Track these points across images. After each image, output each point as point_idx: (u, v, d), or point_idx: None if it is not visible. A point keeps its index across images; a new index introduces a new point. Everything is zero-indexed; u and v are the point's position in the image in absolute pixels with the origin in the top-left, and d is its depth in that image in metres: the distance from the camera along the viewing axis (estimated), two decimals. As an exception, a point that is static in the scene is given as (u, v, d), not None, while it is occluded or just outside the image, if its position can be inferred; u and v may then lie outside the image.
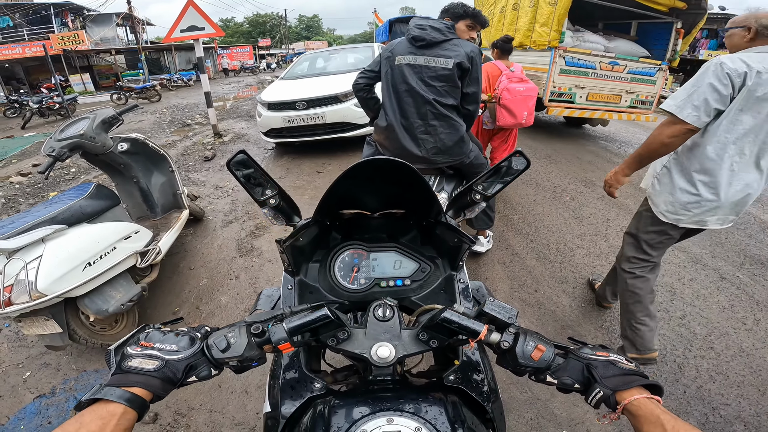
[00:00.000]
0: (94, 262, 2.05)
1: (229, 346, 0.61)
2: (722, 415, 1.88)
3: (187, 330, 0.63)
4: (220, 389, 2.01)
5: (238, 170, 0.83)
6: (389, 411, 0.61)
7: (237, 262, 3.14)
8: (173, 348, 0.59)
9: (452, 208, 0.95)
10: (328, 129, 5.15)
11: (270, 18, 56.93)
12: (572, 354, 0.63)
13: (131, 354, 0.58)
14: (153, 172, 2.97)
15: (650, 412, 0.53)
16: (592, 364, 0.60)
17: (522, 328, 0.65)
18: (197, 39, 6.04)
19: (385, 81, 2.19)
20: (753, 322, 2.46)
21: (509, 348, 0.62)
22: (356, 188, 0.87)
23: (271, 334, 0.62)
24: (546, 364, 0.61)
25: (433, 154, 2.16)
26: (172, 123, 9.01)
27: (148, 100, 13.82)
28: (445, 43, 2.05)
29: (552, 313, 2.50)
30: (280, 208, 0.87)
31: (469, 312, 0.67)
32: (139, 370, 0.56)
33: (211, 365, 0.61)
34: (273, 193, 0.85)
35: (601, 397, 0.57)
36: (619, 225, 3.61)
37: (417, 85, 2.07)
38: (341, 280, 0.95)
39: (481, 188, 0.88)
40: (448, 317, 0.64)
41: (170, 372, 0.57)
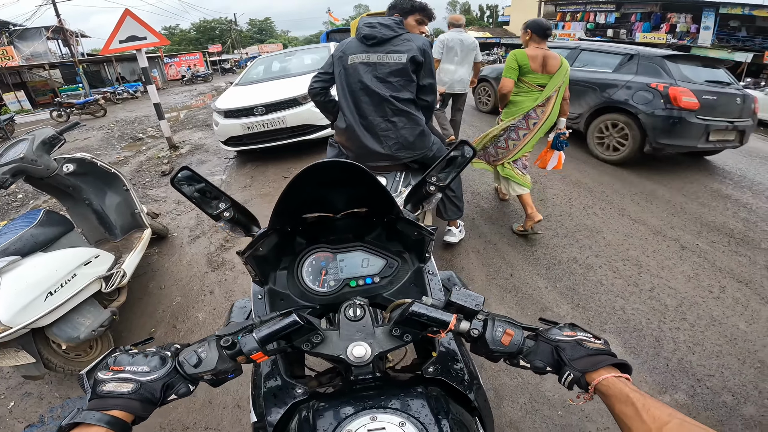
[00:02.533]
0: (55, 291, 1.98)
1: (201, 361, 0.61)
2: (708, 386, 1.93)
3: (156, 350, 0.62)
4: (211, 406, 1.97)
5: (183, 187, 0.81)
6: (372, 409, 0.62)
7: (209, 277, 3.04)
8: (145, 369, 0.58)
9: (410, 201, 0.97)
10: (290, 133, 5.04)
11: (219, 23, 55.19)
12: (541, 336, 0.64)
13: (104, 379, 0.57)
14: (106, 193, 2.82)
15: (620, 391, 0.54)
16: (560, 346, 0.61)
17: (491, 314, 0.66)
18: (139, 49, 5.76)
19: (339, 82, 2.18)
20: (719, 290, 2.61)
21: (479, 335, 0.63)
22: (314, 192, 0.87)
23: (242, 346, 0.62)
24: (517, 348, 0.62)
25: (395, 150, 2.17)
26: (122, 138, 8.55)
27: (93, 116, 13.04)
28: (396, 39, 2.07)
29: (529, 296, 2.57)
30: (235, 220, 0.86)
31: (437, 303, 0.67)
32: (116, 393, 0.55)
33: (187, 381, 0.61)
34: (226, 205, 0.84)
35: (572, 379, 0.58)
36: (582, 203, 3.76)
37: (372, 83, 2.07)
38: (310, 285, 0.95)
39: (435, 179, 0.91)
40: (416, 311, 0.65)
41: (147, 393, 0.56)
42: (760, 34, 17.56)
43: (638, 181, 4.37)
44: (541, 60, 2.73)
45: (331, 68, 2.22)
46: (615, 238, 3.18)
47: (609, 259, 2.91)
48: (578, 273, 2.77)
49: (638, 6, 21.62)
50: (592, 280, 2.69)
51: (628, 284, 2.65)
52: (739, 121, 4.53)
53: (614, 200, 3.86)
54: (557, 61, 2.73)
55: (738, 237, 3.24)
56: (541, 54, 2.74)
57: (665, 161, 5.09)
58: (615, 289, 2.60)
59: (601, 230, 3.30)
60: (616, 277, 2.72)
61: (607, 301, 2.51)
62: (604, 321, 2.35)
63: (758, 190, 4.27)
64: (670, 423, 0.47)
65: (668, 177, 4.53)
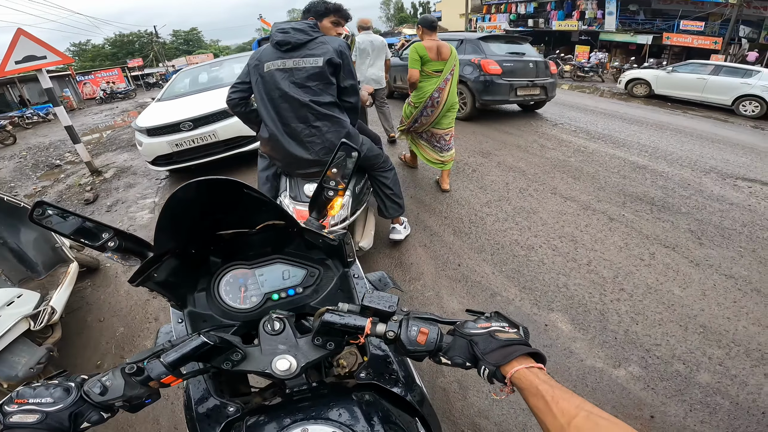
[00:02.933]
0: None
1: (107, 390, 0.61)
2: (658, 356, 1.98)
3: (59, 382, 0.62)
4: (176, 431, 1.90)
5: (49, 223, 0.75)
6: (303, 420, 0.63)
7: (152, 304, 2.85)
8: (48, 400, 0.59)
9: (313, 209, 0.96)
10: (224, 146, 4.83)
11: (138, 36, 51.61)
12: (457, 331, 0.64)
13: (10, 411, 0.58)
14: (20, 229, 2.60)
15: (530, 384, 0.53)
16: (474, 341, 0.60)
17: (410, 313, 0.66)
18: (39, 69, 5.27)
19: (257, 90, 2.13)
20: (649, 257, 2.80)
21: (395, 337, 0.63)
22: (215, 210, 0.84)
23: (149, 371, 0.62)
24: (434, 346, 0.62)
25: (323, 155, 2.14)
26: (38, 167, 7.77)
27: (2, 144, 11.71)
28: (311, 43, 2.06)
29: (478, 283, 2.65)
30: (123, 248, 0.81)
31: (354, 309, 0.67)
32: (23, 424, 0.56)
33: (99, 409, 0.61)
34: (109, 235, 0.79)
35: (489, 373, 0.58)
36: (518, 187, 3.97)
37: (290, 89, 2.04)
38: (231, 303, 0.93)
39: (332, 184, 0.91)
40: (328, 319, 0.65)
41: (55, 422, 0.57)
42: (658, 17, 19.42)
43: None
44: (436, 49, 3.26)
45: (248, 77, 2.17)
46: (550, 217, 3.38)
47: (547, 238, 3.08)
48: (521, 255, 2.90)
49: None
50: (535, 261, 2.83)
51: (567, 261, 2.80)
52: (538, 80, 6.43)
53: (546, 181, 4.10)
54: (448, 49, 3.27)
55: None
56: (435, 44, 3.27)
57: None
58: (556, 267, 2.74)
59: (537, 211, 3.49)
60: (555, 255, 2.87)
61: (550, 279, 2.62)
62: (551, 300, 2.44)
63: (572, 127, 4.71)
64: (578, 416, 0.47)
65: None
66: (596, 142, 5.51)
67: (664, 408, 1.77)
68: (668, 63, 14.84)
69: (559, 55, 15.95)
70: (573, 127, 6.41)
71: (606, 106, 8.85)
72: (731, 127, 7.62)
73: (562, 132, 6.05)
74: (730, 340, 2.09)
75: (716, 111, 9.43)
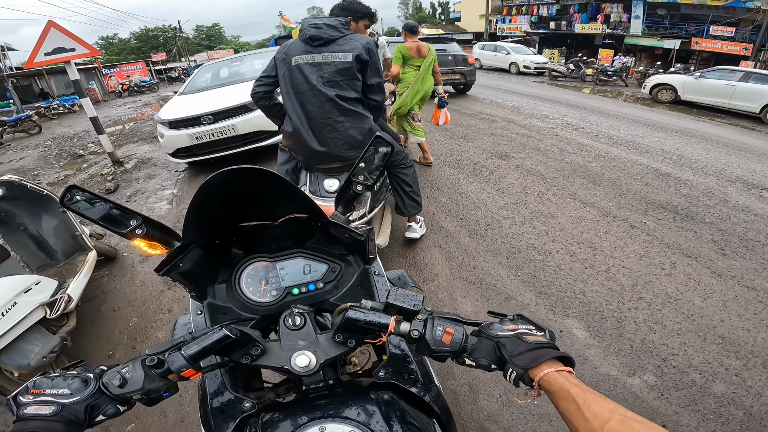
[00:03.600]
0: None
1: (126, 382, 0.59)
2: (674, 365, 1.95)
3: (77, 372, 0.61)
4: (183, 424, 1.91)
5: (79, 208, 0.75)
6: (321, 419, 0.61)
7: (166, 295, 2.88)
8: (66, 392, 0.57)
9: (339, 203, 0.95)
10: (242, 141, 4.88)
11: (162, 31, 52.63)
12: (483, 333, 0.62)
13: (25, 402, 0.56)
14: (41, 216, 2.64)
15: (561, 387, 0.52)
16: (501, 342, 0.59)
17: (433, 312, 0.65)
18: (68, 61, 5.40)
19: (283, 84, 2.14)
20: (670, 266, 2.72)
21: (420, 336, 0.62)
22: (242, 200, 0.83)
23: (170, 364, 0.60)
24: (459, 347, 0.61)
25: (345, 150, 2.15)
26: (61, 156, 7.97)
27: (27, 133, 12.03)
28: (341, 39, 2.08)
29: (493, 286, 2.61)
30: (150, 236, 0.81)
31: (377, 306, 0.66)
32: (37, 416, 0.54)
33: (116, 402, 0.59)
34: (137, 222, 0.79)
35: (516, 376, 0.56)
36: (536, 191, 3.89)
37: (318, 83, 2.05)
38: (251, 296, 0.92)
39: (361, 178, 0.90)
40: (352, 316, 0.63)
41: (70, 415, 0.56)
42: (686, 21, 18.92)
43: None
44: (416, 49, 3.89)
45: (274, 71, 2.18)
46: (569, 222, 3.31)
47: (565, 244, 3.02)
48: (537, 260, 2.85)
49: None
50: (551, 266, 2.77)
51: (585, 267, 2.74)
52: (457, 68, 8.95)
53: (565, 185, 4.02)
54: (426, 48, 3.86)
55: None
56: (416, 45, 3.93)
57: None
58: (573, 273, 2.68)
59: (555, 215, 3.42)
60: (573, 261, 2.81)
61: (567, 285, 2.57)
62: (567, 306, 2.40)
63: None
64: (612, 420, 0.46)
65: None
66: (618, 148, 5.38)
67: (676, 418, 1.73)
68: (696, 68, 14.44)
69: (581, 59, 15.65)
70: (594, 131, 6.28)
71: (629, 111, 8.63)
72: (759, 136, 7.37)
73: (583, 136, 5.92)
74: (749, 352, 2.04)
75: (744, 119, 9.13)
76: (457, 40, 10.45)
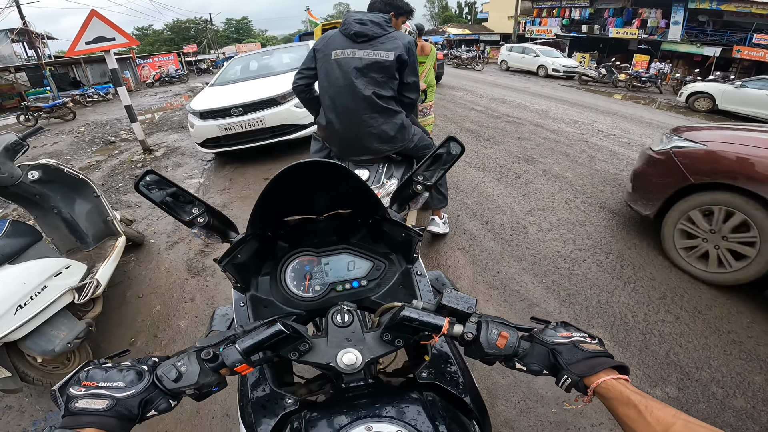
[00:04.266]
0: (25, 304, 1.89)
1: (181, 376, 0.57)
2: (697, 379, 1.91)
3: (131, 364, 0.58)
4: (199, 416, 1.90)
5: (150, 192, 0.76)
6: (367, 418, 0.59)
7: (190, 283, 2.93)
8: (120, 385, 0.55)
9: (396, 201, 0.94)
10: (270, 133, 4.94)
11: (194, 23, 53.87)
12: (536, 338, 0.62)
13: (76, 395, 0.53)
14: (75, 200, 2.69)
15: (620, 393, 0.52)
16: (557, 350, 0.59)
17: (484, 315, 0.64)
18: (107, 50, 5.56)
19: (321, 77, 2.14)
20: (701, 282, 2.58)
21: (473, 338, 0.61)
22: (294, 193, 0.83)
23: (225, 358, 0.59)
24: (512, 351, 0.60)
25: (377, 144, 2.18)
26: (94, 142, 8.24)
27: (62, 119, 12.53)
28: (383, 37, 2.05)
29: (516, 292, 2.55)
30: (210, 225, 0.81)
31: (429, 306, 0.65)
32: (90, 410, 0.51)
33: (167, 396, 0.57)
34: (200, 210, 0.79)
35: (570, 383, 0.57)
36: (563, 197, 3.79)
37: (356, 79, 2.04)
38: (295, 290, 0.91)
39: (421, 178, 0.88)
40: (407, 315, 0.63)
41: (124, 410, 0.53)
42: (728, 28, 18.16)
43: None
44: (421, 47, 3.91)
45: (313, 62, 2.18)
46: (597, 231, 3.21)
47: (593, 253, 2.93)
48: (563, 267, 2.77)
49: (611, 2, 22.12)
50: (578, 275, 2.69)
51: (613, 278, 2.65)
52: None
53: (595, 194, 3.90)
54: (429, 47, 3.99)
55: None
56: (420, 44, 3.95)
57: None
58: (600, 283, 2.60)
59: (583, 224, 3.32)
60: (600, 271, 2.72)
61: (593, 295, 2.50)
62: (592, 315, 2.34)
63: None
64: (676, 425, 0.46)
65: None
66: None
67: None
68: (736, 77, 13.83)
69: (613, 63, 15.16)
70: (627, 139, 6.07)
71: (663, 119, 8.33)
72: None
73: (615, 143, 5.74)
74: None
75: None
76: (482, 41, 10.32)
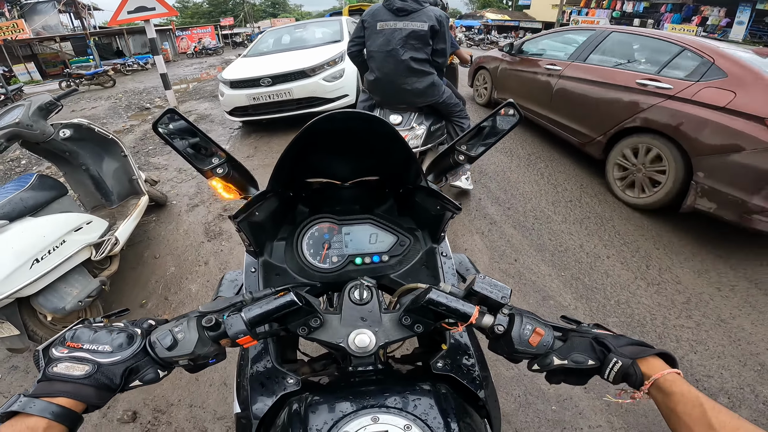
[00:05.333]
0: (42, 258, 1.89)
1: (177, 343, 0.51)
2: (705, 387, 1.86)
3: (124, 325, 0.53)
4: (197, 383, 1.92)
5: (168, 134, 0.69)
6: (374, 408, 0.54)
7: (205, 246, 2.98)
8: (106, 349, 0.49)
9: (433, 171, 0.86)
10: (296, 105, 4.95)
11: (232, -4, 54.36)
12: (575, 333, 0.56)
13: (57, 357, 0.48)
14: (104, 158, 2.77)
15: (687, 390, 0.47)
16: (601, 336, 0.54)
17: (516, 308, 0.58)
18: (147, 20, 5.65)
19: (370, 42, 2.72)
20: (729, 289, 2.45)
21: (504, 332, 0.55)
22: (323, 153, 0.77)
23: (227, 327, 0.53)
24: (545, 350, 0.54)
25: (411, 97, 2.80)
26: (129, 108, 8.48)
27: (102, 86, 12.99)
28: (419, 11, 2.58)
29: (532, 283, 2.47)
30: (230, 177, 0.75)
31: (457, 291, 0.59)
32: (66, 376, 0.46)
33: (157, 365, 0.52)
34: (220, 160, 0.72)
35: (621, 367, 0.50)
36: (594, 190, 3.62)
37: (397, 44, 2.60)
38: (311, 259, 0.84)
39: (464, 148, 0.79)
40: (434, 299, 0.56)
41: (105, 378, 0.48)
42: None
43: None
44: None
45: (362, 32, 2.76)
46: (626, 228, 3.05)
47: (618, 250, 2.79)
48: (585, 262, 2.65)
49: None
50: (599, 271, 2.58)
51: (636, 277, 2.52)
52: None
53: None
54: None
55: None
56: None
57: None
58: (622, 282, 2.48)
59: (612, 219, 3.16)
60: (624, 269, 2.59)
61: (612, 293, 2.39)
62: (608, 314, 2.24)
63: None
64: (741, 429, 0.43)
65: None
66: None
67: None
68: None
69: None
70: (667, 135, 5.74)
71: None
72: None
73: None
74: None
75: None
76: (522, 28, 9.98)
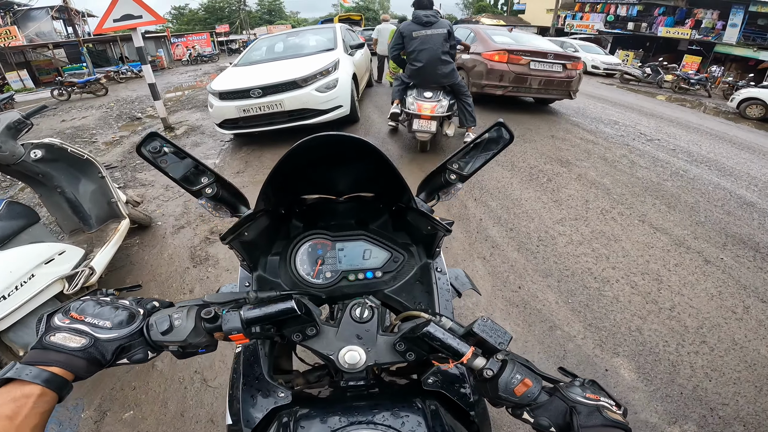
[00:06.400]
0: (9, 295, 1.80)
1: (172, 329, 0.54)
2: (720, 416, 1.78)
3: (129, 303, 0.56)
4: (183, 419, 1.80)
5: (154, 157, 0.69)
6: (361, 424, 0.56)
7: (190, 273, 2.80)
8: (107, 324, 0.52)
9: (424, 190, 0.86)
10: (288, 117, 4.78)
11: (228, 3, 54.31)
12: (560, 393, 0.54)
13: (57, 326, 0.50)
14: (80, 180, 2.60)
15: None
16: (577, 409, 0.51)
17: (512, 355, 0.57)
18: (134, 28, 5.50)
19: (412, 46, 4.05)
20: (743, 311, 2.36)
21: (492, 377, 0.55)
22: (315, 169, 0.79)
23: (224, 322, 0.55)
24: (528, 401, 0.53)
25: (441, 78, 4.14)
26: (120, 117, 8.29)
27: (94, 94, 12.75)
28: (438, 23, 4.03)
29: (538, 312, 2.31)
30: (219, 197, 0.76)
31: (456, 329, 0.60)
32: (61, 347, 0.49)
33: (148, 347, 0.54)
34: (209, 180, 0.73)
35: None
36: (599, 207, 3.47)
37: (431, 45, 3.99)
38: (304, 275, 0.85)
39: (456, 167, 0.80)
40: (431, 332, 0.57)
41: (97, 353, 0.50)
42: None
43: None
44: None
45: (400, 39, 4.14)
46: (634, 248, 2.90)
47: (627, 273, 2.63)
48: (593, 287, 2.50)
49: (663, 0, 20.87)
50: (608, 296, 2.43)
51: (647, 302, 2.39)
52: None
53: (634, 205, 3.55)
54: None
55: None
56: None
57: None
58: (632, 307, 2.34)
59: (619, 238, 3.01)
60: (634, 294, 2.45)
61: (622, 320, 2.26)
62: (618, 343, 2.11)
63: None
64: None
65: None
66: (699, 167, 4.75)
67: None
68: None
69: (660, 63, 14.22)
70: (672, 144, 5.59)
71: (712, 125, 7.70)
72: None
73: (658, 149, 5.29)
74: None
75: None
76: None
